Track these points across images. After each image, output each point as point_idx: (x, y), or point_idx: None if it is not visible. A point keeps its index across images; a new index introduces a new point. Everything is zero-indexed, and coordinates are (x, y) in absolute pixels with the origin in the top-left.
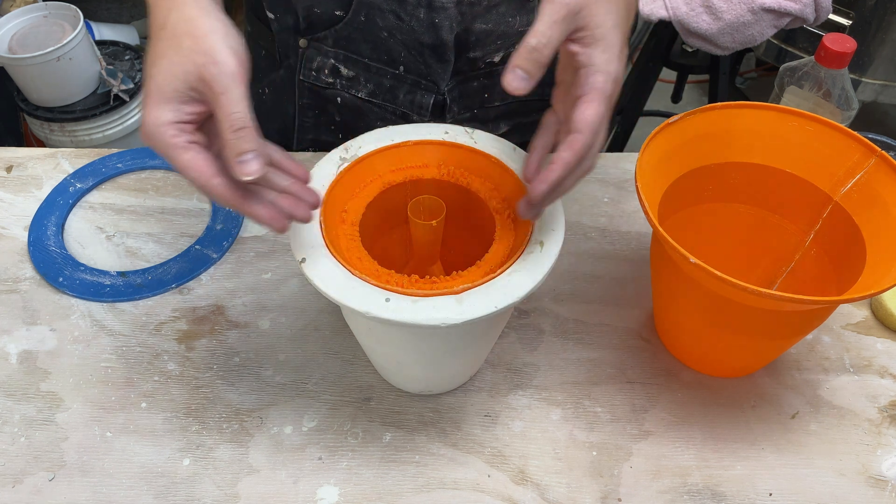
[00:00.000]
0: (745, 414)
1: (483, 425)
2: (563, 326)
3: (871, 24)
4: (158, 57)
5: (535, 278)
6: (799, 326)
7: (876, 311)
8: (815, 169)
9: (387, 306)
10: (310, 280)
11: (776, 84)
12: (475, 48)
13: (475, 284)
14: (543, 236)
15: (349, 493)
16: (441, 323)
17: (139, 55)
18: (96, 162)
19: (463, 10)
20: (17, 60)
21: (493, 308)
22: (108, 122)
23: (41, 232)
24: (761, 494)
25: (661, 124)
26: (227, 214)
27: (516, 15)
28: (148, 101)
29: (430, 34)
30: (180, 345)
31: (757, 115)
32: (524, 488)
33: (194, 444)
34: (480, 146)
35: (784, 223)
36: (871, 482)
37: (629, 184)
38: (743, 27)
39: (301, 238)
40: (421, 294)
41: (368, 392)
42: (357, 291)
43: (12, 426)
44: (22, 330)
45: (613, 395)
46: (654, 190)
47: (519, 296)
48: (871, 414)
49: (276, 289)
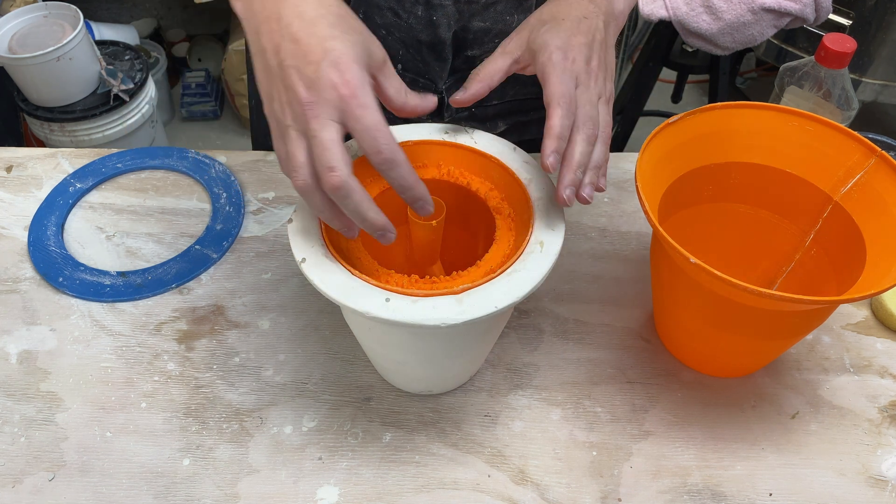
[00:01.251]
0: (745, 414)
1: (483, 425)
2: (563, 326)
3: (871, 24)
4: (334, 27)
5: (535, 278)
6: (799, 326)
7: (876, 311)
8: (815, 169)
9: (387, 306)
10: (310, 280)
11: (776, 84)
12: (473, 46)
13: (475, 284)
14: (543, 236)
15: (349, 493)
16: (441, 323)
17: (139, 55)
18: (96, 162)
19: (461, 7)
20: (17, 60)
21: (493, 308)
22: (108, 122)
23: (41, 232)
24: (761, 494)
25: (661, 124)
26: (226, 214)
27: (514, 13)
28: (344, 58)
29: (427, 32)
30: (180, 345)
31: (757, 115)
32: (524, 488)
33: (194, 444)
34: (480, 146)
35: (784, 223)
36: (871, 482)
37: (629, 184)
38: (743, 27)
39: (301, 238)
40: (421, 294)
41: (368, 392)
42: (357, 291)
43: (12, 426)
44: (22, 330)
45: (613, 395)
46: (654, 190)
47: (519, 296)
48: (871, 414)
49: (276, 289)
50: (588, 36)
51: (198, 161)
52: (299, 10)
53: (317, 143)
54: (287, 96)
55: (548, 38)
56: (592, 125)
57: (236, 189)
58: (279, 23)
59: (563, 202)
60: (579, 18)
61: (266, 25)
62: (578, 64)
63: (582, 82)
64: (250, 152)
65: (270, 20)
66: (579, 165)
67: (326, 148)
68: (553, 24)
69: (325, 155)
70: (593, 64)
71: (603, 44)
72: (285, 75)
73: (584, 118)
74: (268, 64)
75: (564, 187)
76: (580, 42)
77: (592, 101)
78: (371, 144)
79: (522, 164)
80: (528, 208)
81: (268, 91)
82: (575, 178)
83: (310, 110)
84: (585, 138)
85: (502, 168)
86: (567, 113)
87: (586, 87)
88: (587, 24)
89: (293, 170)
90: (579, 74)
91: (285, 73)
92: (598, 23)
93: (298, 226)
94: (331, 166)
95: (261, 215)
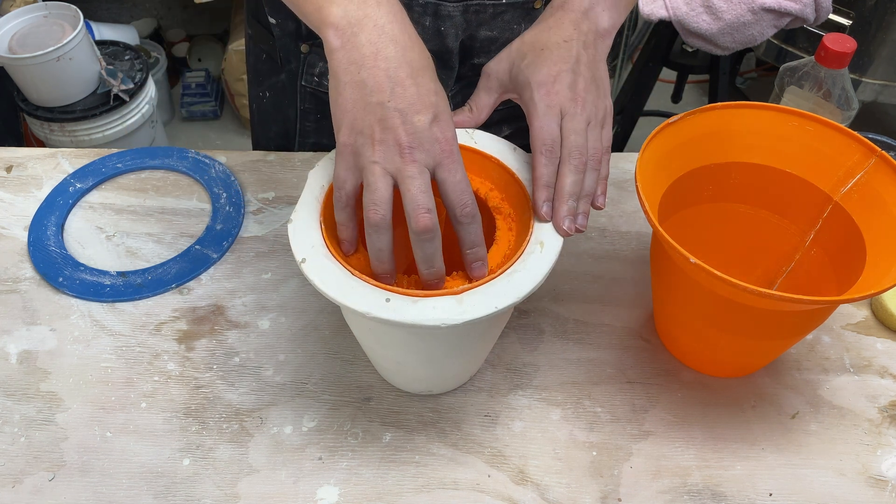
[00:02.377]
0: (745, 414)
1: (483, 425)
2: (563, 326)
3: (871, 24)
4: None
5: (535, 279)
6: (799, 326)
7: (876, 311)
8: (815, 169)
9: (387, 306)
10: (310, 280)
11: (776, 84)
12: (479, 54)
13: (475, 285)
14: (543, 236)
15: (349, 493)
16: (441, 323)
17: (139, 55)
18: (96, 162)
19: (469, 17)
20: (17, 60)
21: (493, 308)
22: (108, 122)
23: (41, 232)
24: (761, 494)
25: (661, 124)
26: (226, 214)
27: (521, 22)
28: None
29: (435, 42)
30: (180, 345)
31: (757, 115)
32: (524, 488)
33: (194, 444)
34: (480, 146)
35: (784, 223)
36: (871, 482)
37: (629, 184)
38: (743, 27)
39: (301, 238)
40: (421, 294)
41: (368, 392)
42: (357, 291)
43: (12, 426)
44: (22, 330)
45: (613, 395)
46: (654, 190)
47: (519, 296)
48: (871, 414)
49: (276, 289)
50: (569, 62)
51: (198, 161)
52: (408, 57)
53: (415, 184)
54: (382, 135)
55: (529, 73)
56: (579, 154)
57: (236, 189)
58: (387, 63)
59: (565, 234)
60: (559, 44)
61: (371, 61)
62: (562, 94)
63: (568, 111)
64: (250, 152)
65: (377, 58)
66: (571, 195)
67: (423, 191)
68: (533, 57)
69: (421, 197)
70: (579, 88)
71: (589, 64)
72: (387, 116)
73: (571, 149)
74: (366, 100)
75: (562, 219)
76: (561, 70)
77: (579, 129)
78: (459, 198)
79: (523, 164)
80: (528, 208)
81: (354, 122)
82: (570, 208)
83: (409, 155)
84: (573, 169)
85: (502, 168)
86: (550, 159)
87: (572, 116)
88: (568, 50)
89: (374, 203)
90: (564, 105)
91: (387, 114)
92: (579, 45)
93: (298, 226)
94: (427, 207)
95: (261, 215)
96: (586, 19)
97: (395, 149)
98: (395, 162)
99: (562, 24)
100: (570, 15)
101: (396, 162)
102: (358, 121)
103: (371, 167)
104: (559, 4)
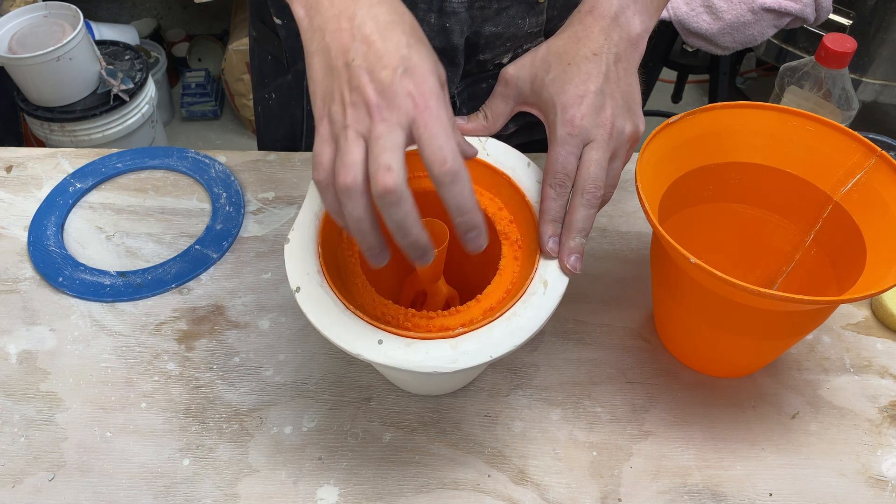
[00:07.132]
0: (745, 414)
1: (483, 425)
2: (563, 326)
3: (871, 24)
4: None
5: (533, 326)
6: (799, 326)
7: (876, 311)
8: (815, 169)
9: (379, 349)
10: (304, 313)
11: (776, 84)
12: (485, 51)
13: (473, 327)
14: (548, 275)
15: (349, 493)
16: (433, 370)
17: (139, 55)
18: (96, 162)
19: (474, 14)
20: (17, 60)
21: (487, 357)
22: (108, 122)
23: (41, 232)
24: (761, 494)
25: (661, 124)
26: (226, 214)
27: (525, 17)
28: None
29: (440, 39)
30: (180, 345)
31: (757, 115)
32: (524, 488)
33: (194, 444)
34: (492, 159)
35: (784, 223)
36: (871, 482)
37: (629, 184)
38: (743, 27)
39: (297, 264)
40: (415, 336)
41: (368, 392)
42: (350, 329)
43: (12, 426)
44: (22, 330)
45: (613, 395)
46: (654, 190)
47: (516, 343)
48: (871, 414)
49: (276, 289)
50: (598, 80)
51: (198, 161)
52: (373, 12)
53: (379, 144)
54: (352, 97)
55: (554, 91)
56: (594, 189)
57: (236, 189)
58: (350, 22)
59: (569, 272)
60: (588, 57)
61: (334, 24)
62: (587, 119)
63: (593, 138)
64: (250, 152)
65: (340, 19)
66: (580, 232)
67: (387, 149)
68: (559, 71)
69: (385, 155)
70: (607, 114)
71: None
72: (353, 76)
73: (587, 180)
74: (331, 64)
75: (567, 255)
76: (588, 90)
77: (601, 161)
78: (435, 154)
79: (535, 183)
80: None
81: (325, 91)
82: (577, 245)
83: (377, 113)
84: (586, 203)
85: (513, 188)
86: (560, 193)
87: (597, 146)
88: (597, 65)
89: (343, 166)
90: (588, 132)
91: (353, 73)
92: (609, 59)
93: (295, 247)
94: (388, 165)
95: (261, 215)
96: (616, 26)
97: (363, 109)
98: (365, 122)
99: (590, 32)
100: (600, 22)
101: (366, 122)
102: (328, 88)
103: (343, 132)
104: (587, 9)
